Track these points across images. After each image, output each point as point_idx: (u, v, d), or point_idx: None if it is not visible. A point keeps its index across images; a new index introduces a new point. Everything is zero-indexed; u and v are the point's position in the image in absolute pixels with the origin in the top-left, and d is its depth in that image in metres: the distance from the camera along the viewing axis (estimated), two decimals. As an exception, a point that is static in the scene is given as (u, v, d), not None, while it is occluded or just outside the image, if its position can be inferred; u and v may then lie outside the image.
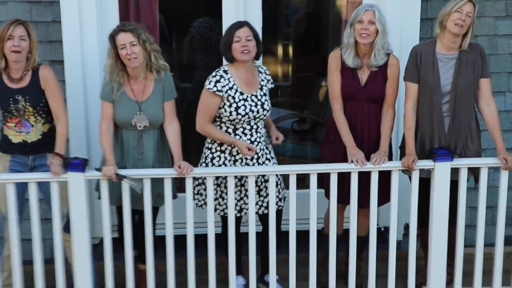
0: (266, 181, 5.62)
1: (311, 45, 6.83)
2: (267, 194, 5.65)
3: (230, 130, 5.57)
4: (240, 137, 5.58)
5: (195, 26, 6.50)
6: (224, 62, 5.74)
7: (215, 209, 5.58)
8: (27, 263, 5.53)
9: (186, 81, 5.88)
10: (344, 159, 5.55)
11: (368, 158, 5.50)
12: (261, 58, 5.78)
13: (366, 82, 5.66)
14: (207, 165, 5.67)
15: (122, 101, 5.38)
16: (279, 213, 5.67)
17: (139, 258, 5.60)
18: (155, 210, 5.48)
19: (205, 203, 5.58)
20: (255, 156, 5.61)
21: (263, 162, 5.68)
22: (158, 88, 5.41)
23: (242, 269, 5.85)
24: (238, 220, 5.66)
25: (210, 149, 5.63)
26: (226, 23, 6.16)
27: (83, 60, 6.12)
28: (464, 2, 5.41)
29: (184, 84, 5.77)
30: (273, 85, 5.76)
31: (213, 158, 5.63)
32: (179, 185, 5.58)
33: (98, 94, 5.69)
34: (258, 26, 6.20)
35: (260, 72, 5.69)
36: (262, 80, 5.66)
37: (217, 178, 5.57)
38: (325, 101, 6.99)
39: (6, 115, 5.43)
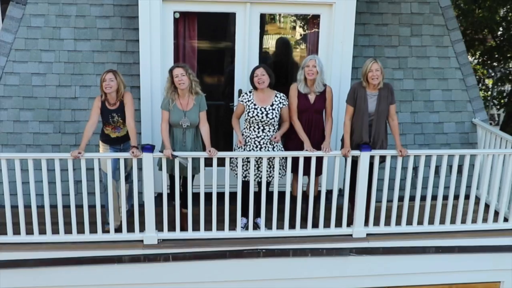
0: (273, 162, 5.67)
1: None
2: (272, 169, 5.74)
3: (247, 125, 5.74)
4: (251, 132, 5.72)
5: (228, 70, 6.64)
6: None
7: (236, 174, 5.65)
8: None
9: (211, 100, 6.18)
10: (301, 149, 5.67)
11: (317, 148, 5.64)
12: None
13: (313, 101, 5.79)
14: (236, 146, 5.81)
15: (174, 110, 5.58)
16: (268, 183, 5.78)
17: (183, 205, 5.72)
18: (193, 177, 5.64)
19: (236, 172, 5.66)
20: (259, 146, 5.70)
21: (266, 150, 5.70)
22: (196, 103, 5.61)
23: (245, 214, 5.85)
24: (247, 183, 5.72)
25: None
26: (238, 66, 6.41)
27: (151, 86, 6.24)
28: (371, 63, 5.59)
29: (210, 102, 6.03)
30: (285, 105, 5.72)
31: (236, 144, 5.83)
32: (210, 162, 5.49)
33: (159, 105, 5.92)
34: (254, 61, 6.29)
35: (276, 96, 5.75)
36: (275, 101, 5.72)
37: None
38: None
39: (105, 124, 5.65)
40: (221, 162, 5.57)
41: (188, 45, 6.48)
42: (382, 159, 5.79)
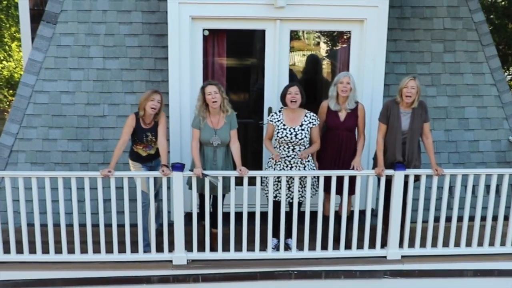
0: (305, 182, 5.65)
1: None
2: (303, 188, 5.71)
3: (277, 145, 5.73)
4: (281, 151, 5.69)
5: (256, 88, 6.69)
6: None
7: (266, 194, 5.66)
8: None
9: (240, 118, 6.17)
10: (333, 168, 5.68)
11: (348, 167, 5.66)
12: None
13: (344, 119, 5.76)
14: (267, 165, 5.83)
15: (205, 128, 5.62)
16: (300, 203, 5.74)
17: (212, 225, 5.70)
18: (223, 196, 5.62)
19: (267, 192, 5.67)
20: (290, 165, 5.68)
21: (297, 169, 5.67)
22: (227, 121, 5.63)
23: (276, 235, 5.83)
24: (278, 203, 5.68)
25: (269, 156, 5.83)
26: (267, 84, 6.43)
27: (180, 104, 6.29)
28: (409, 79, 5.58)
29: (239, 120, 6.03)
30: (315, 125, 5.69)
31: (268, 162, 5.84)
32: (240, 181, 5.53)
33: (189, 123, 5.98)
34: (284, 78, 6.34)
35: (306, 116, 5.72)
36: (305, 121, 5.69)
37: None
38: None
39: (137, 142, 5.67)
40: (252, 181, 5.58)
41: (217, 62, 6.54)
42: (416, 178, 5.74)
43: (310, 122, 5.75)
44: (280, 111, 5.80)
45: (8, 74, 16.39)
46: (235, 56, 6.68)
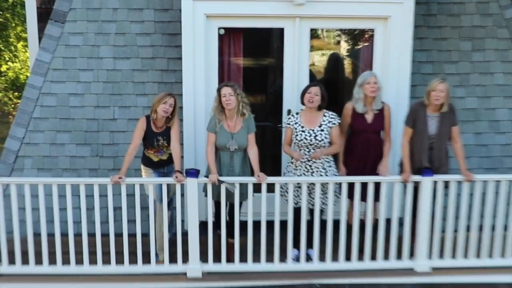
0: (326, 188, 5.53)
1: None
2: (325, 195, 5.58)
3: (297, 149, 5.59)
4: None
5: (274, 89, 6.58)
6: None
7: (286, 201, 5.51)
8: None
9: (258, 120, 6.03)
10: (357, 173, 5.53)
11: (374, 171, 5.52)
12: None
13: (371, 121, 5.61)
14: (286, 170, 5.70)
15: (221, 132, 5.48)
16: (322, 210, 5.56)
17: (229, 235, 5.54)
18: (240, 204, 5.51)
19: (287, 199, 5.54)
20: (310, 170, 5.55)
21: (319, 174, 5.53)
22: (244, 125, 5.50)
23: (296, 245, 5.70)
24: (298, 211, 5.51)
25: (288, 161, 5.72)
26: (286, 84, 6.27)
27: (194, 106, 6.13)
28: (438, 82, 5.39)
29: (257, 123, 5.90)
30: (335, 124, 5.54)
31: (287, 167, 5.71)
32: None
33: (203, 127, 5.83)
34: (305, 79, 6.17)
35: (324, 115, 5.58)
36: (324, 121, 5.55)
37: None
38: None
39: (148, 147, 5.59)
40: (270, 188, 5.44)
41: (233, 62, 6.40)
42: (445, 184, 5.53)
43: (329, 122, 5.59)
44: (297, 113, 5.68)
45: (13, 75, 16.37)
46: (252, 55, 6.55)
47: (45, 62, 6.31)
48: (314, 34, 6.47)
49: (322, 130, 5.55)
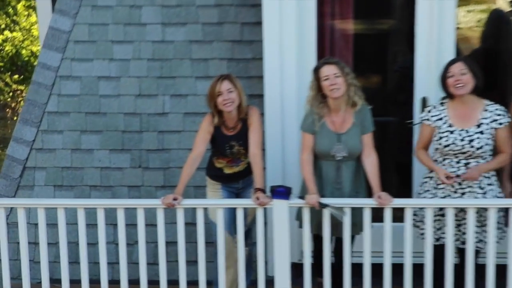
0: (485, 217, 5.49)
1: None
2: (483, 227, 5.59)
3: (439, 159, 5.63)
4: (445, 168, 5.53)
5: (400, 67, 6.67)
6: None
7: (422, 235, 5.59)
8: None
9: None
10: None
11: None
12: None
13: None
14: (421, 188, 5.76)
15: (323, 132, 5.55)
16: (478, 251, 5.54)
17: (336, 283, 5.56)
18: (352, 238, 5.56)
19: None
20: (460, 190, 5.56)
21: (473, 197, 5.54)
22: (357, 121, 5.55)
23: None
24: (441, 250, 5.51)
25: (425, 175, 5.75)
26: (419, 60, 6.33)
27: (282, 95, 6.26)
28: None
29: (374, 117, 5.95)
30: (503, 124, 5.54)
31: (422, 183, 5.74)
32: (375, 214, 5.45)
33: (295, 126, 5.94)
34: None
35: (486, 110, 5.58)
36: (485, 118, 5.54)
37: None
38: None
39: (218, 155, 5.75)
40: (397, 215, 5.49)
41: (338, 28, 6.52)
42: None
43: (494, 120, 5.57)
44: (442, 104, 5.69)
45: (12, 50, 16.25)
46: (365, 17, 6.67)
47: (62, 31, 6.60)
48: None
49: (481, 133, 5.53)
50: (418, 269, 5.46)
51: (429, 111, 5.70)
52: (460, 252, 5.67)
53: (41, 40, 7.57)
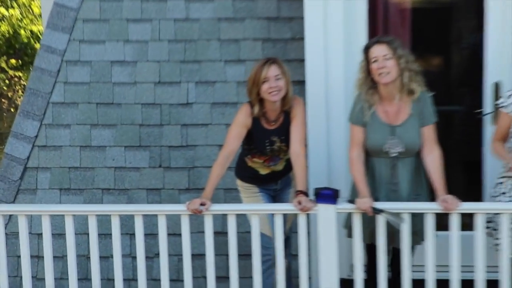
0: None
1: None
2: None
3: None
4: None
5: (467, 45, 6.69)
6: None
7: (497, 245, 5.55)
8: None
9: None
10: None
11: None
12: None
13: None
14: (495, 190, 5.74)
15: (374, 124, 5.54)
16: None
17: None
18: (412, 249, 5.54)
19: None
20: None
21: None
22: (415, 111, 5.52)
23: None
24: None
25: (500, 174, 5.72)
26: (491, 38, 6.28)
27: (326, 81, 6.30)
28: None
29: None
30: None
31: (497, 184, 5.73)
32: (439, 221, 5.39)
33: (342, 118, 5.95)
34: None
35: None
36: None
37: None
38: None
39: (254, 153, 5.78)
40: (466, 221, 5.46)
41: (393, 2, 6.56)
42: None
43: None
44: None
45: (9, 30, 16.40)
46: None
47: (70, 7, 6.67)
48: None
49: None
50: (492, 286, 5.43)
51: (508, 97, 5.66)
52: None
53: (43, 18, 7.62)
